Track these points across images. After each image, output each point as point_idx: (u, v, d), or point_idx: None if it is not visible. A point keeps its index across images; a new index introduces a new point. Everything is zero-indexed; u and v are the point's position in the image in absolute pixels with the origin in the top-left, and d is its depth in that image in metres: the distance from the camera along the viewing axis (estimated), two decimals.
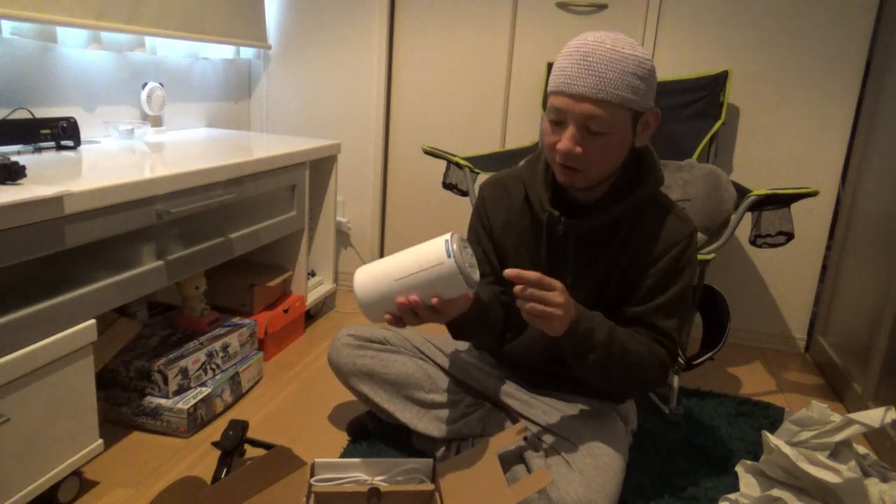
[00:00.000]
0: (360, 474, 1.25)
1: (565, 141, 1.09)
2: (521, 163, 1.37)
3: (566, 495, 1.13)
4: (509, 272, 1.06)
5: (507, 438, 1.25)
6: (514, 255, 1.32)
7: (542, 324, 1.09)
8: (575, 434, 1.27)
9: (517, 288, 1.07)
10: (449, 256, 1.04)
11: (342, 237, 2.72)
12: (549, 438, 1.29)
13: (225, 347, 1.71)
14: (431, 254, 1.06)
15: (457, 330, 1.25)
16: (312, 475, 1.23)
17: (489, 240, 1.35)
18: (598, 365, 1.16)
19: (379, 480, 1.24)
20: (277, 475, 1.22)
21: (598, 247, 1.24)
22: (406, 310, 1.07)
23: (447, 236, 1.07)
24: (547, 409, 1.35)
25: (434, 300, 1.07)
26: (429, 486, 1.21)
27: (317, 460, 1.25)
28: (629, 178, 1.22)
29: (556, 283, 1.08)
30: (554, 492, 1.15)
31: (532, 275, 1.06)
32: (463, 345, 1.53)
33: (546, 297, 1.06)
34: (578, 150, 1.10)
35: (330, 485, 1.22)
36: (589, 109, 1.07)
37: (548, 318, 1.07)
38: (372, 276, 1.09)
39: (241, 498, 1.17)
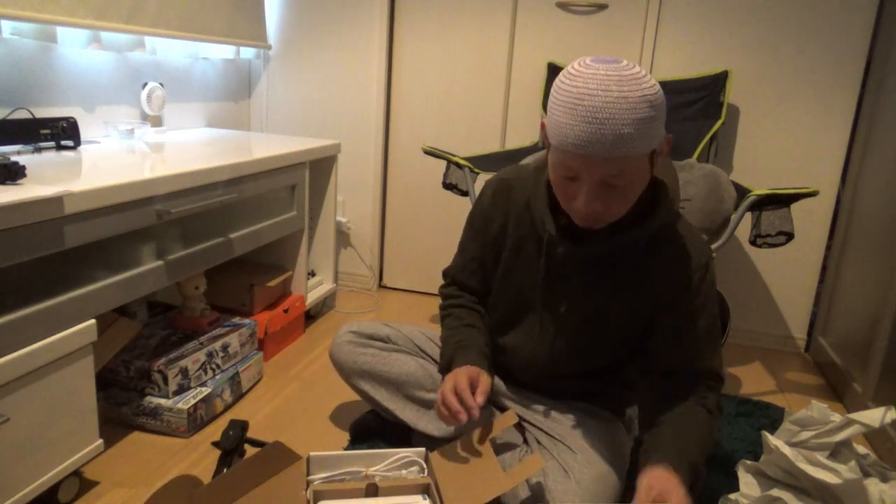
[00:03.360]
0: (355, 467, 1.25)
1: (585, 204, 1.02)
2: (529, 160, 1.33)
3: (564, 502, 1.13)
4: None
5: (499, 425, 1.25)
6: (509, 259, 1.28)
7: None
8: (574, 440, 1.26)
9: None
10: None
11: (342, 237, 2.72)
12: (548, 443, 1.29)
13: (225, 347, 1.71)
14: None
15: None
16: (308, 469, 1.24)
17: (484, 239, 1.32)
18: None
19: (374, 471, 1.24)
20: (273, 470, 1.22)
21: (601, 272, 1.18)
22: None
23: None
24: (547, 413, 1.35)
25: None
26: (425, 479, 1.21)
27: (311, 454, 1.25)
28: (642, 205, 1.13)
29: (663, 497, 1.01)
30: (552, 498, 1.15)
31: None
32: None
33: None
34: (599, 206, 1.02)
35: (327, 480, 1.22)
36: (607, 170, 0.98)
37: None
38: None
39: (237, 494, 1.17)
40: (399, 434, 1.52)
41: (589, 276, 1.19)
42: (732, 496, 1.31)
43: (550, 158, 1.06)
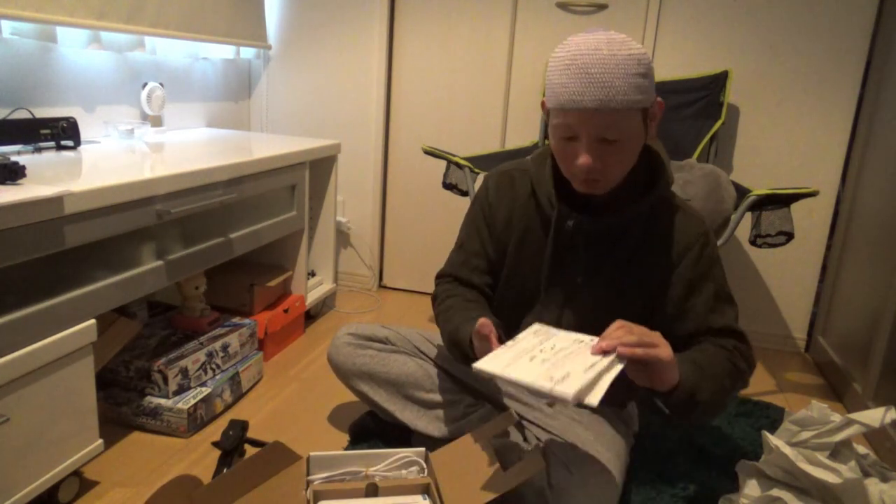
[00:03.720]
0: (355, 467, 1.25)
1: (584, 158, 1.06)
2: (529, 157, 1.34)
3: (566, 500, 1.13)
4: (607, 345, 1.00)
5: (499, 425, 1.25)
6: (515, 252, 1.28)
7: (654, 374, 1.03)
8: (575, 437, 1.27)
9: (622, 347, 1.00)
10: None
11: (342, 237, 2.72)
12: (549, 442, 1.29)
13: (225, 347, 1.71)
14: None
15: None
16: (308, 469, 1.24)
17: (489, 232, 1.31)
18: (704, 412, 1.12)
19: (374, 472, 1.24)
20: (273, 470, 1.22)
21: (607, 247, 1.21)
22: None
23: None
24: (548, 412, 1.35)
25: None
26: (425, 479, 1.21)
27: (311, 454, 1.25)
28: (639, 175, 1.19)
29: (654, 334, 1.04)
30: (552, 497, 1.15)
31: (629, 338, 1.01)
32: None
33: (649, 340, 1.02)
34: (598, 163, 1.07)
35: (327, 480, 1.22)
36: (602, 122, 1.03)
37: (654, 360, 1.01)
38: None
39: (237, 494, 1.17)
40: (398, 434, 1.52)
41: (597, 250, 1.22)
42: (732, 496, 1.31)
43: (550, 124, 1.11)
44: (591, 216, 1.18)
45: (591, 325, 1.24)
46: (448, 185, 2.11)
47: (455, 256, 1.37)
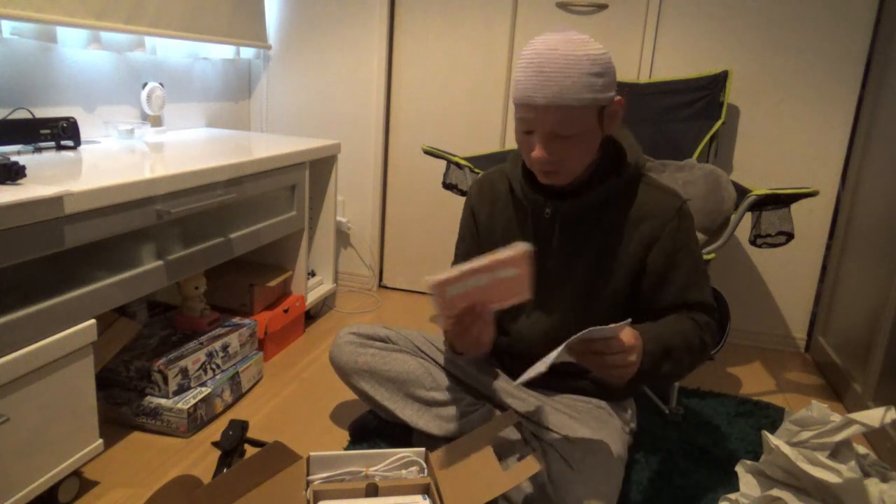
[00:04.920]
0: (355, 467, 1.25)
1: (538, 150, 1.13)
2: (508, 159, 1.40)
3: (566, 495, 1.13)
4: (578, 347, 1.05)
5: (499, 424, 1.26)
6: (501, 241, 1.33)
7: (616, 373, 1.07)
8: (574, 431, 1.27)
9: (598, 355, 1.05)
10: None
11: (342, 237, 2.72)
12: (548, 437, 1.30)
13: (225, 347, 1.71)
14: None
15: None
16: (308, 469, 1.24)
17: (476, 234, 1.40)
18: (667, 376, 1.18)
19: (374, 471, 1.24)
20: (273, 470, 1.22)
21: (585, 229, 1.26)
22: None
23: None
24: (547, 409, 1.35)
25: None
26: (425, 479, 1.21)
27: (311, 454, 1.25)
28: (609, 162, 1.25)
29: (627, 337, 1.06)
30: (553, 492, 1.15)
31: (604, 345, 1.05)
32: None
33: (615, 347, 1.05)
34: (552, 156, 1.14)
35: (327, 480, 1.22)
36: (554, 117, 1.10)
37: (621, 366, 1.06)
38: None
39: (237, 494, 1.17)
40: (399, 434, 1.52)
41: (576, 233, 1.27)
42: (732, 496, 1.31)
43: (514, 118, 1.17)
44: (565, 200, 1.24)
45: (573, 316, 1.30)
46: (448, 185, 2.11)
47: (455, 259, 1.45)
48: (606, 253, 1.26)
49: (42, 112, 1.71)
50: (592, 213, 1.25)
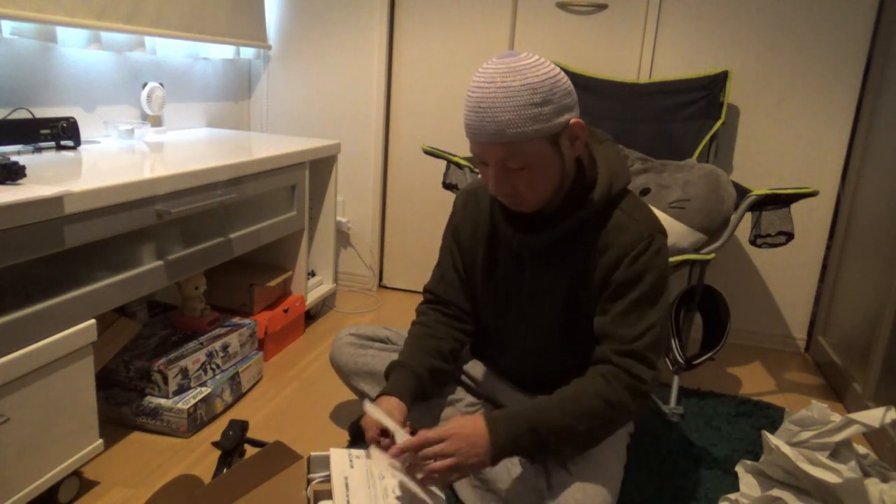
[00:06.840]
0: None
1: (492, 184, 1.11)
2: None
3: (564, 500, 1.13)
4: (394, 452, 1.08)
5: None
6: (487, 263, 1.32)
7: (459, 472, 1.07)
8: None
9: (405, 462, 1.07)
10: None
11: (342, 237, 2.72)
12: None
13: (225, 347, 1.71)
14: None
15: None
16: (308, 469, 1.24)
17: (458, 249, 1.37)
18: (556, 450, 1.15)
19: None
20: (273, 470, 1.22)
21: (557, 261, 1.21)
22: None
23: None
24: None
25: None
26: None
27: (312, 454, 1.25)
28: (578, 189, 1.17)
29: (445, 433, 1.07)
30: (552, 497, 1.15)
31: (409, 443, 1.06)
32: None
33: (440, 451, 1.05)
34: (507, 189, 1.11)
35: (327, 480, 1.22)
36: (500, 153, 1.06)
37: (456, 468, 1.05)
38: None
39: (237, 494, 1.17)
40: None
41: (546, 267, 1.23)
42: (732, 496, 1.31)
43: None
44: (532, 233, 1.19)
45: (556, 337, 1.27)
46: (448, 185, 2.11)
47: (435, 272, 1.42)
48: (578, 285, 1.21)
49: (42, 112, 1.71)
50: (562, 246, 1.20)
